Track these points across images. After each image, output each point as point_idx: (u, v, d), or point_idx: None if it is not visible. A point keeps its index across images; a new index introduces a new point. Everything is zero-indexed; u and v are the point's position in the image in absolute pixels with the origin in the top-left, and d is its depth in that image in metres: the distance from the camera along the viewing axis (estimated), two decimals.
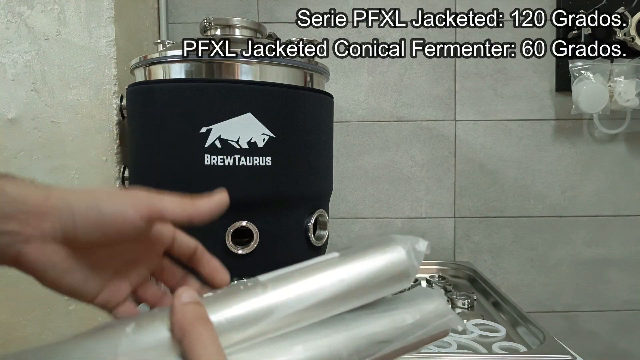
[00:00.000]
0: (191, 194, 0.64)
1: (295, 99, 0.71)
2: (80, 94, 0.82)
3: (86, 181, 0.83)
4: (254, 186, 0.67)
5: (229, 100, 0.66)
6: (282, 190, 0.69)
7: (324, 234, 0.77)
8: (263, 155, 0.67)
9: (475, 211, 1.10)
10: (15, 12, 0.80)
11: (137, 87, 0.73)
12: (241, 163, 0.66)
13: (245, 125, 0.66)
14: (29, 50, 0.81)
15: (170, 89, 0.68)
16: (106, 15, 0.81)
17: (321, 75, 0.78)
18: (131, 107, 0.74)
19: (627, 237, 1.11)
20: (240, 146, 0.66)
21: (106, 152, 0.82)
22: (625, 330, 1.12)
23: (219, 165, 0.65)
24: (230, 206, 0.65)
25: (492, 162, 1.09)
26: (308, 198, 0.74)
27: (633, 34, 1.03)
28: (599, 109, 1.01)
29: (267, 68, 0.70)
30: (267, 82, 0.69)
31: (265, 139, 0.67)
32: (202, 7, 1.07)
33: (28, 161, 0.82)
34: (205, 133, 0.65)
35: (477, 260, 1.10)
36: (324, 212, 0.77)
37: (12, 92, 0.81)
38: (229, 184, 0.65)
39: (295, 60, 0.72)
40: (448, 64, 1.09)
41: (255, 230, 0.67)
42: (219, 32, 0.78)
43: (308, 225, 0.73)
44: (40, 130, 0.82)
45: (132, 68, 0.76)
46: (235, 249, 0.67)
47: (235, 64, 0.69)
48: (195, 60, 0.68)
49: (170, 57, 0.69)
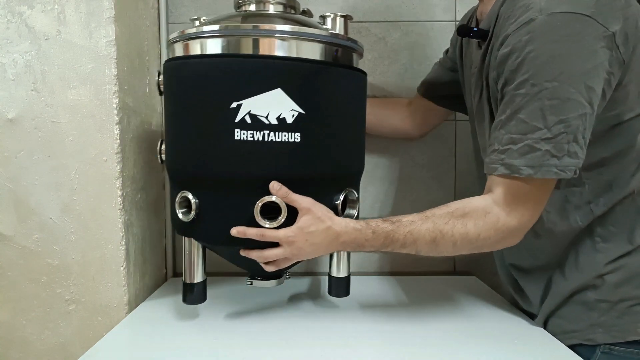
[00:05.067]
0: (222, 169, 0.67)
1: (326, 75, 0.70)
2: (80, 94, 0.82)
3: (86, 181, 0.83)
4: (282, 162, 0.68)
5: (259, 76, 0.66)
6: (310, 167, 0.70)
7: (352, 213, 0.76)
8: (292, 131, 0.67)
9: None
10: (15, 12, 0.80)
11: (173, 62, 0.73)
12: (270, 138, 0.67)
13: (275, 101, 0.66)
14: (29, 50, 0.81)
15: (204, 64, 0.69)
16: (106, 15, 0.81)
17: (354, 51, 0.77)
18: (167, 81, 0.75)
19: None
20: (269, 122, 0.66)
21: (106, 152, 0.82)
22: None
23: (248, 140, 0.66)
24: (259, 181, 0.67)
25: None
26: (336, 176, 0.74)
27: None
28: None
29: (300, 44, 0.69)
30: (297, 58, 0.69)
31: (294, 115, 0.67)
32: (202, 7, 1.07)
33: (28, 161, 0.82)
34: (236, 108, 0.66)
35: (478, 260, 1.10)
36: (352, 191, 0.76)
37: (12, 92, 0.81)
38: (258, 159, 0.67)
39: (327, 35, 0.71)
40: None
41: (283, 205, 0.68)
42: (254, 7, 0.78)
43: (336, 203, 0.73)
44: (40, 130, 0.82)
45: (170, 42, 0.76)
46: (263, 223, 0.67)
47: (269, 40, 0.68)
48: (228, 35, 0.68)
49: (205, 32, 0.69)
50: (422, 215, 0.69)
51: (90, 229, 0.83)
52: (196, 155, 0.69)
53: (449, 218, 0.67)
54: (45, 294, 0.85)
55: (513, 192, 0.65)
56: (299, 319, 0.80)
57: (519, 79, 0.62)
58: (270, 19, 0.74)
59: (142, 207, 0.93)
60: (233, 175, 0.68)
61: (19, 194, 0.83)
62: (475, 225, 0.66)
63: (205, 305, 0.84)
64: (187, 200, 0.72)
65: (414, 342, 0.71)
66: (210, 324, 0.78)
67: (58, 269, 0.84)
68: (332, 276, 0.80)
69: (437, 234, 0.67)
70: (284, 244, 0.68)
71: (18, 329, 0.85)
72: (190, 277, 0.76)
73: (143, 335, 0.75)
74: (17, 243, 0.84)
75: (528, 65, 0.61)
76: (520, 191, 0.65)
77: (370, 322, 0.79)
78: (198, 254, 0.76)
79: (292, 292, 0.94)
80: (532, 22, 0.61)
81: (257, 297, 0.90)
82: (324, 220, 0.68)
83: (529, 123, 0.62)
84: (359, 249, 0.70)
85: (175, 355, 0.68)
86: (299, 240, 0.67)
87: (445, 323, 0.78)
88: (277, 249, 0.68)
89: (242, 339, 0.72)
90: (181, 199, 0.72)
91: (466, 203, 0.69)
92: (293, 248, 0.68)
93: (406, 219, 0.69)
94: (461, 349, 0.68)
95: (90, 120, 0.82)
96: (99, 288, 0.84)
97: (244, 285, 0.82)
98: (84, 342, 0.84)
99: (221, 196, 0.69)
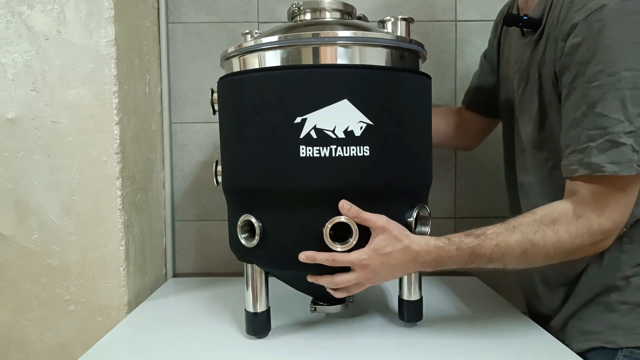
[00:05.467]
0: (287, 186, 0.64)
1: (394, 82, 0.66)
2: (80, 94, 0.81)
3: (86, 181, 0.83)
4: (351, 178, 0.63)
5: (323, 87, 0.62)
6: (381, 182, 0.65)
7: (425, 231, 0.70)
8: (360, 144, 0.63)
9: (475, 211, 1.10)
10: (15, 12, 0.80)
11: (230, 79, 0.70)
12: (338, 154, 0.62)
13: (342, 113, 0.62)
14: (29, 50, 0.81)
15: (265, 77, 0.65)
16: (106, 15, 0.81)
17: (418, 54, 0.73)
18: (223, 99, 0.71)
19: None
20: (336, 135, 0.62)
21: (106, 152, 0.82)
22: None
23: (314, 156, 0.62)
24: (328, 200, 0.64)
25: (493, 162, 1.09)
26: (408, 191, 0.69)
27: None
28: None
29: (364, 50, 0.65)
30: (363, 65, 0.65)
31: (362, 127, 0.63)
32: (202, 7, 1.07)
33: (28, 161, 0.82)
34: (300, 123, 0.62)
35: None
36: (424, 206, 0.71)
37: (12, 92, 0.81)
38: (326, 177, 0.63)
39: (393, 39, 0.67)
40: (448, 64, 1.09)
41: (354, 226, 0.63)
42: (309, 16, 0.75)
43: (409, 220, 0.68)
44: (40, 130, 0.82)
45: (223, 59, 0.72)
46: (334, 246, 0.63)
47: (332, 47, 0.64)
48: (289, 45, 0.65)
49: (264, 44, 0.65)
50: (508, 225, 0.63)
51: (90, 229, 0.83)
52: (260, 174, 0.65)
53: (537, 226, 0.62)
54: (45, 295, 0.84)
55: (600, 192, 0.61)
56: (298, 320, 0.80)
57: (593, 70, 0.59)
58: (330, 26, 0.71)
59: (142, 207, 0.93)
60: (299, 193, 0.64)
61: (19, 194, 0.83)
62: (567, 231, 0.62)
63: (205, 305, 0.84)
64: (249, 224, 0.67)
65: (414, 342, 0.71)
66: (210, 324, 0.78)
67: (58, 269, 0.84)
68: (404, 299, 0.75)
69: (527, 245, 0.62)
70: (356, 268, 0.63)
71: (18, 329, 0.85)
72: (254, 306, 0.70)
73: (143, 336, 0.75)
74: (16, 243, 0.84)
75: (602, 55, 0.58)
76: (607, 190, 0.61)
77: (370, 322, 0.78)
78: (261, 281, 0.71)
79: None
80: (603, 8, 0.58)
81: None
82: (400, 239, 0.62)
83: (608, 116, 0.58)
84: (439, 267, 0.64)
85: (175, 355, 0.68)
86: (374, 263, 0.62)
87: (445, 323, 0.78)
88: (349, 274, 0.63)
89: (243, 338, 0.72)
90: (243, 223, 0.67)
91: (553, 208, 0.64)
92: (367, 272, 0.63)
93: (491, 230, 0.63)
94: (461, 349, 0.68)
95: (90, 120, 0.82)
96: (99, 288, 0.84)
97: (244, 286, 0.82)
98: (84, 342, 0.84)
99: (286, 217, 0.65)
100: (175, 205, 1.09)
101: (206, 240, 1.10)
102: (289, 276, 0.74)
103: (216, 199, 1.09)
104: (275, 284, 0.75)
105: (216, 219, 1.09)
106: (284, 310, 0.82)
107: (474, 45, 1.08)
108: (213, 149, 1.09)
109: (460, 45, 1.08)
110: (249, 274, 0.71)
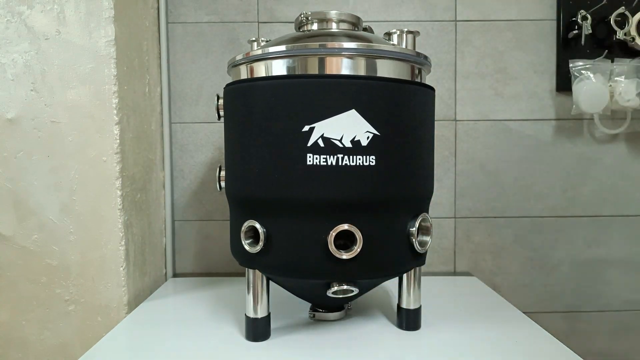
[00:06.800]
0: (293, 194, 0.64)
1: (400, 94, 0.67)
2: (80, 94, 0.81)
3: (86, 181, 0.83)
4: (357, 187, 0.64)
5: (332, 97, 0.63)
6: (386, 192, 0.66)
7: (426, 240, 0.71)
8: (366, 154, 0.64)
9: (475, 211, 1.10)
10: (15, 12, 0.80)
11: (237, 85, 0.70)
12: (344, 163, 0.63)
13: (349, 123, 0.63)
14: (29, 50, 0.81)
15: (273, 85, 0.65)
16: (106, 15, 0.81)
17: (424, 67, 0.73)
18: (229, 106, 0.71)
19: (627, 237, 1.11)
20: (343, 145, 0.63)
21: (106, 152, 0.82)
22: (625, 331, 1.12)
23: (321, 165, 0.63)
24: (333, 208, 0.64)
25: (493, 162, 1.09)
26: (412, 200, 0.70)
27: (633, 34, 1.03)
28: (600, 109, 1.01)
29: (372, 61, 0.66)
30: (372, 77, 0.66)
31: (369, 137, 0.64)
32: (202, 7, 1.07)
33: (28, 161, 0.82)
34: (308, 132, 0.63)
35: (478, 260, 1.10)
36: (427, 217, 0.72)
37: (12, 92, 0.81)
38: (332, 185, 0.63)
39: (401, 52, 0.68)
40: (448, 64, 1.09)
41: (358, 234, 0.64)
42: (316, 26, 0.76)
43: (411, 230, 0.69)
44: (40, 130, 0.82)
45: (230, 66, 0.72)
46: (339, 254, 0.63)
47: (340, 58, 0.65)
48: (298, 55, 0.65)
49: (273, 52, 0.66)
50: None
51: (89, 229, 0.83)
52: (265, 181, 0.65)
53: None
54: (44, 295, 0.84)
55: None
56: (298, 319, 0.80)
57: None
58: (339, 37, 0.71)
59: (142, 207, 0.93)
60: (304, 201, 0.64)
61: (18, 194, 0.83)
62: None
63: (205, 305, 0.84)
64: (253, 230, 0.67)
65: (414, 343, 0.71)
66: (210, 324, 0.78)
67: (57, 269, 0.84)
68: (402, 308, 0.75)
69: None
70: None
71: (17, 329, 0.85)
72: (255, 312, 0.71)
73: (143, 336, 0.75)
74: (16, 243, 0.84)
75: None
76: None
77: (369, 326, 0.78)
78: (262, 287, 0.71)
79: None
80: None
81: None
82: None
83: None
84: None
85: (175, 355, 0.68)
86: None
87: (444, 323, 0.78)
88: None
89: (242, 339, 0.72)
90: (247, 229, 0.67)
91: None
92: None
93: None
94: (461, 349, 0.68)
95: (90, 120, 0.82)
96: (99, 288, 0.84)
97: (244, 286, 0.82)
98: (84, 342, 0.84)
99: (291, 225, 0.65)
100: (175, 205, 1.10)
101: (206, 240, 1.10)
102: (290, 283, 0.74)
103: (216, 199, 1.09)
104: (275, 287, 0.75)
105: (216, 219, 1.09)
106: (284, 314, 0.82)
107: (474, 45, 1.08)
108: (213, 148, 1.09)
109: (460, 45, 1.08)
110: (251, 279, 0.71)
